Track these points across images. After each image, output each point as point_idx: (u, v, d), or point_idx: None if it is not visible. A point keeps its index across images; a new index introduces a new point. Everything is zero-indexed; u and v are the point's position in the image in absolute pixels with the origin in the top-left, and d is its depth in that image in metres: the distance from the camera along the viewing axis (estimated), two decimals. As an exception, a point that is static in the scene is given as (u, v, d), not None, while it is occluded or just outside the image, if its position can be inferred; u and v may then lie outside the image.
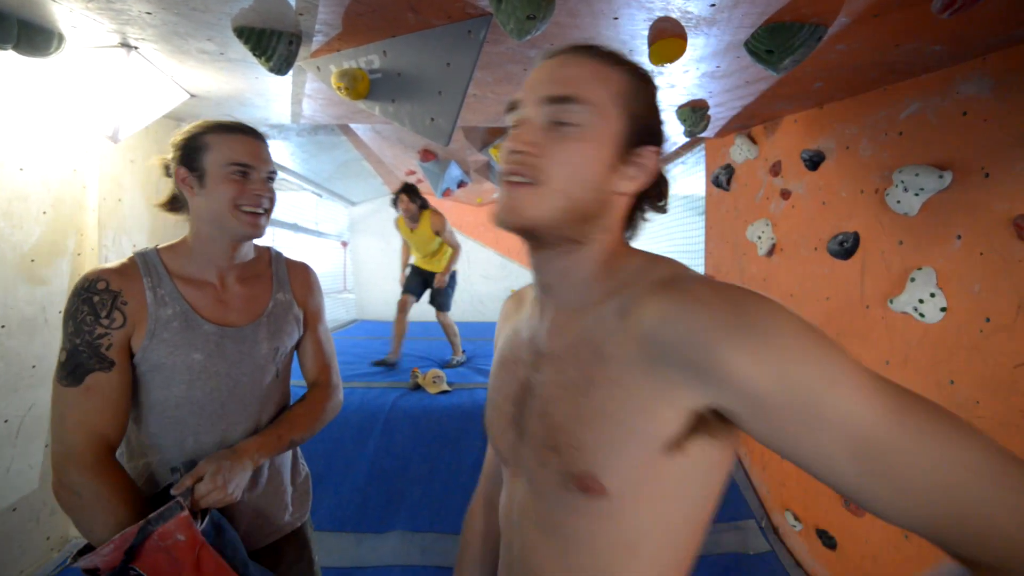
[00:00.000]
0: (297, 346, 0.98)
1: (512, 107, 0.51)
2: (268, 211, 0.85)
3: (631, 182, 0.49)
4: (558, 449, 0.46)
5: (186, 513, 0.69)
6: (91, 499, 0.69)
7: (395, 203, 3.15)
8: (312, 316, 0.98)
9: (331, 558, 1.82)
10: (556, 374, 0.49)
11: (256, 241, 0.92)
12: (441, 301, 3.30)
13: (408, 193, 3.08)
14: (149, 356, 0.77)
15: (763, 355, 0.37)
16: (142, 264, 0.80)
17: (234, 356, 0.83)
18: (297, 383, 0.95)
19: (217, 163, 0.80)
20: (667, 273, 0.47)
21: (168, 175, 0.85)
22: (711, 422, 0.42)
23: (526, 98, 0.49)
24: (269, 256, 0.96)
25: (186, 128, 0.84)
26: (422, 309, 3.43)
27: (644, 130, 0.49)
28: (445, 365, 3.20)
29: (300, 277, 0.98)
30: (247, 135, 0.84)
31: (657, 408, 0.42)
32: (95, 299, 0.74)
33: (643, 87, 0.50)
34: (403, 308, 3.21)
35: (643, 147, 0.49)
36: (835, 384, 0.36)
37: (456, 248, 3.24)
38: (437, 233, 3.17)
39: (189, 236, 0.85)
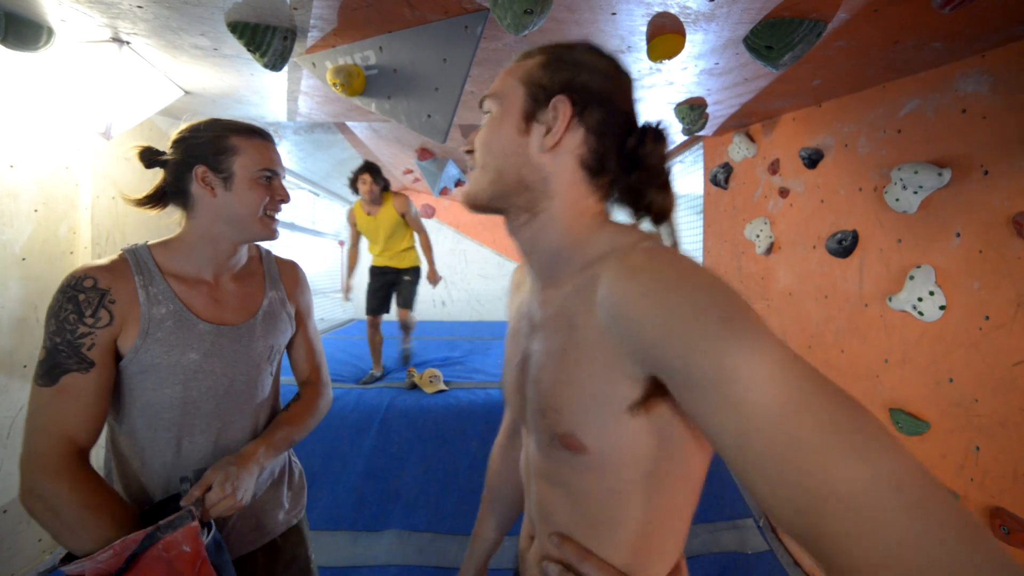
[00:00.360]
0: (289, 344, 0.97)
1: None
2: None
3: (549, 137, 0.52)
4: (545, 412, 0.51)
5: (196, 523, 0.67)
6: (55, 504, 0.66)
7: (353, 185, 2.77)
8: (302, 314, 0.98)
9: (327, 557, 1.81)
10: (543, 343, 0.53)
11: None
12: (407, 296, 2.99)
13: (371, 172, 2.71)
14: (142, 357, 0.75)
15: (672, 332, 0.38)
16: (133, 261, 0.78)
17: (230, 355, 0.82)
18: (286, 380, 0.95)
19: (248, 168, 0.80)
20: (626, 243, 0.49)
21: (152, 167, 0.83)
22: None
23: None
24: (260, 254, 0.95)
25: (195, 125, 0.81)
26: (419, 307, 3.33)
27: (548, 87, 0.52)
28: (403, 359, 3.08)
29: (290, 274, 0.97)
30: (269, 140, 0.84)
31: (613, 374, 0.45)
32: (80, 297, 0.72)
33: (557, 58, 0.53)
34: (374, 326, 2.90)
35: (552, 99, 0.52)
36: (736, 368, 0.35)
37: (425, 233, 2.96)
38: (402, 216, 2.82)
39: (189, 234, 0.82)
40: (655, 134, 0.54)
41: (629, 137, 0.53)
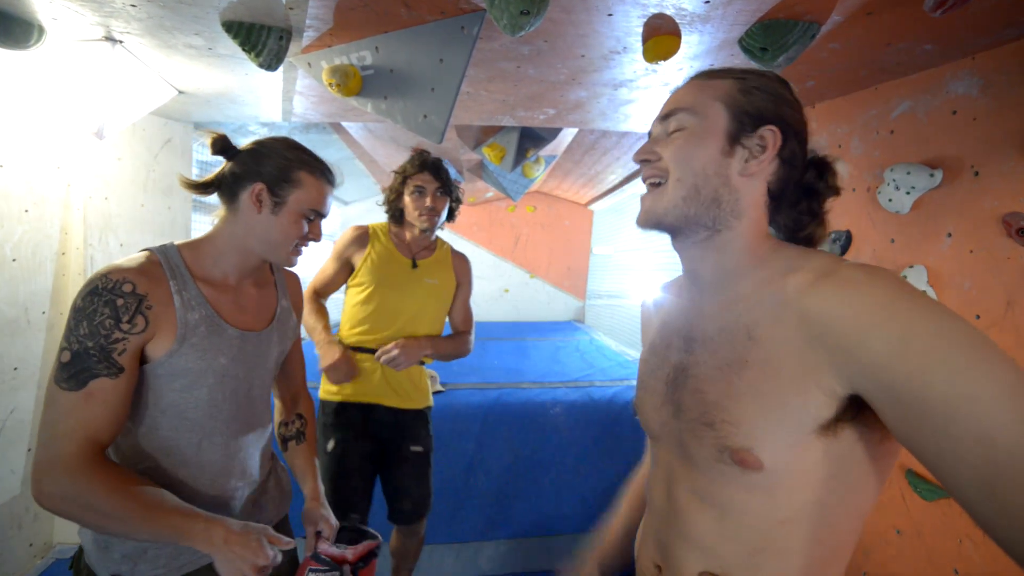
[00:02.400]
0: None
1: (649, 136, 0.60)
2: None
3: (753, 163, 0.53)
4: (713, 425, 0.49)
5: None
6: (90, 500, 0.66)
7: (396, 192, 1.44)
8: (299, 323, 1.05)
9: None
10: (710, 356, 0.53)
11: None
12: (422, 489, 1.43)
13: (441, 176, 1.42)
14: (176, 361, 0.75)
15: (910, 351, 0.37)
16: (166, 265, 0.77)
17: (252, 360, 0.85)
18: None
19: (301, 203, 0.84)
20: (826, 261, 0.49)
21: (218, 155, 0.85)
22: (865, 410, 0.43)
23: (652, 125, 0.60)
24: (270, 263, 0.98)
25: (280, 140, 0.86)
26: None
27: (755, 114, 0.53)
28: None
29: (294, 285, 1.03)
30: (331, 184, 0.89)
31: (808, 388, 0.44)
32: (119, 302, 0.70)
33: (754, 86, 0.55)
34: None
35: (760, 128, 0.53)
36: (993, 399, 0.34)
37: (472, 324, 1.59)
38: (459, 286, 1.54)
39: (221, 238, 0.84)
40: (831, 168, 0.56)
41: (809, 170, 0.56)
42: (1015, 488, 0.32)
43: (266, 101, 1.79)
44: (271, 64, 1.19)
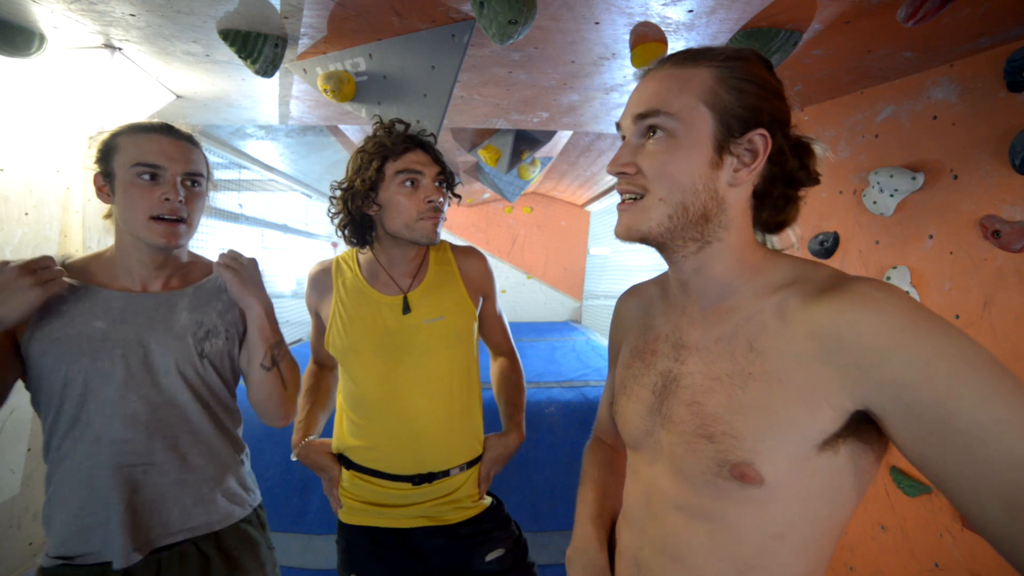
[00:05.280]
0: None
1: (618, 128, 0.53)
2: (187, 220, 0.79)
3: (742, 171, 0.49)
4: (712, 438, 0.47)
5: None
6: None
7: (367, 184, 0.90)
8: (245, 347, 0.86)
9: (321, 562, 1.82)
10: (705, 366, 0.50)
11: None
12: None
13: (434, 153, 0.97)
14: (41, 333, 0.72)
15: (936, 372, 0.37)
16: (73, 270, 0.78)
17: (144, 322, 0.77)
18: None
19: (123, 165, 0.75)
20: (831, 273, 0.47)
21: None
22: (864, 426, 0.43)
23: (623, 121, 0.51)
24: (211, 270, 0.87)
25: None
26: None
27: (744, 117, 0.48)
28: None
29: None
30: (159, 132, 0.78)
31: (817, 403, 0.43)
32: None
33: (735, 75, 0.48)
34: None
35: (749, 132, 0.48)
36: (1007, 416, 0.35)
37: (514, 352, 1.14)
38: (484, 299, 1.08)
39: (114, 244, 0.82)
40: (810, 151, 0.52)
41: (791, 159, 0.51)
42: None
43: (263, 105, 1.82)
44: (267, 71, 1.21)
